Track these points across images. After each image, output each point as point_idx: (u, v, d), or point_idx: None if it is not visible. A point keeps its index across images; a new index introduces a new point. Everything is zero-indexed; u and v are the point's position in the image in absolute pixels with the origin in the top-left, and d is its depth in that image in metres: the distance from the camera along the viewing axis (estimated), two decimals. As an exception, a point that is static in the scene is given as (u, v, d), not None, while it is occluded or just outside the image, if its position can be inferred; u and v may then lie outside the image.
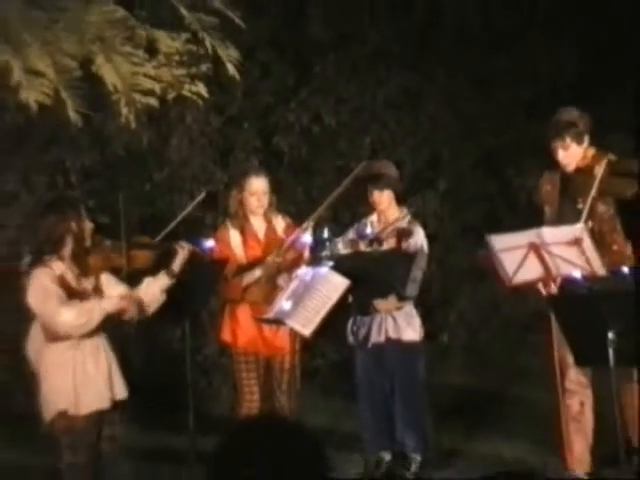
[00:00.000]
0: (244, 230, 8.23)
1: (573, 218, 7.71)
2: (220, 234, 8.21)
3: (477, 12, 12.21)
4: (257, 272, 8.13)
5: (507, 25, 12.15)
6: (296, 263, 8.13)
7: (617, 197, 7.81)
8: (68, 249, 6.88)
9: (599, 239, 7.74)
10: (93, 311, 6.82)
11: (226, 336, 8.21)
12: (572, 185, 7.93)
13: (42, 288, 6.79)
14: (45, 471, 7.35)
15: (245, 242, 8.22)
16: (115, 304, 6.88)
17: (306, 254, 8.17)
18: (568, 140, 7.90)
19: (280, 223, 8.35)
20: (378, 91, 11.62)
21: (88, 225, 6.99)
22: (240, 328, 8.16)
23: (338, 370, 9.36)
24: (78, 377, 6.86)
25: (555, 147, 7.94)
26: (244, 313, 8.16)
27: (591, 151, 7.92)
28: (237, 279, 8.08)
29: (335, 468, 7.48)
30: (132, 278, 7.02)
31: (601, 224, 7.84)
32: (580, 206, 7.72)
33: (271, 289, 8.11)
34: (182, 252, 7.18)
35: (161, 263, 7.13)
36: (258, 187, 8.23)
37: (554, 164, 8.01)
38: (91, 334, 6.91)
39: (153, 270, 7.10)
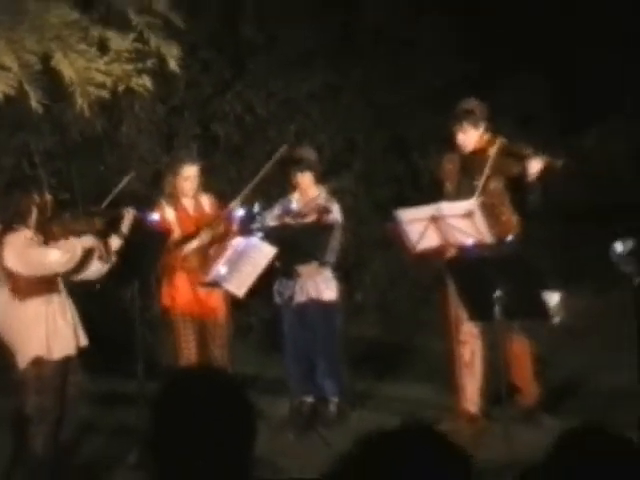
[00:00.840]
0: (177, 208, 8.24)
1: (470, 193, 7.82)
2: (157, 211, 8.18)
3: (391, 13, 12.15)
4: (194, 243, 8.14)
5: (415, 26, 12.12)
6: (226, 235, 8.18)
7: (506, 175, 7.89)
8: (33, 219, 6.98)
9: (490, 211, 7.83)
10: (75, 246, 6.98)
11: (165, 300, 8.23)
12: (469, 164, 7.98)
13: (21, 244, 6.90)
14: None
15: (179, 218, 8.21)
16: (90, 242, 7.03)
17: (234, 227, 8.22)
18: (466, 125, 7.95)
19: (206, 201, 8.37)
20: (302, 85, 11.54)
21: (48, 198, 7.11)
22: (178, 293, 8.17)
23: (269, 326, 9.36)
24: (50, 327, 6.97)
25: (455, 131, 8.00)
26: (181, 280, 8.17)
27: (486, 135, 7.98)
28: (176, 249, 8.07)
29: (264, 411, 7.58)
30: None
31: (492, 198, 7.88)
32: (476, 183, 7.81)
33: (205, 258, 8.15)
34: (128, 215, 7.34)
35: (112, 227, 7.25)
36: (190, 173, 8.25)
37: (454, 146, 8.06)
38: (57, 291, 7.02)
39: (105, 233, 7.20)
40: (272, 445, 7.30)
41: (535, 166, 7.65)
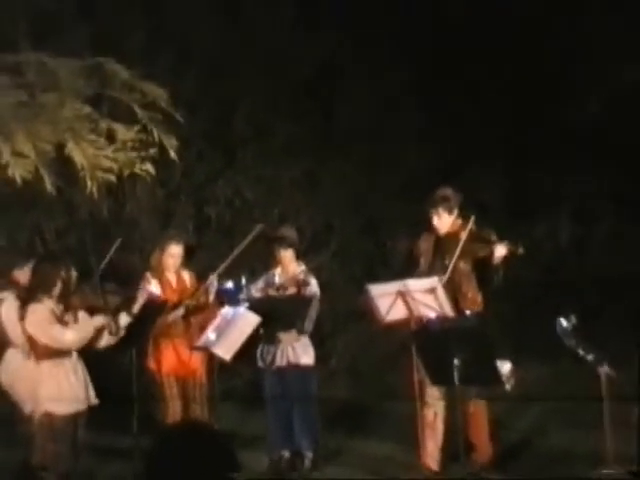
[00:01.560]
0: (161, 281, 8.23)
1: (441, 270, 7.86)
2: (144, 284, 8.13)
3: (365, 111, 12.26)
4: (178, 312, 8.14)
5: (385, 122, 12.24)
6: (205, 305, 8.21)
7: (474, 257, 7.92)
8: (57, 291, 6.98)
9: (458, 288, 7.89)
10: (89, 327, 6.99)
11: (152, 364, 8.18)
12: (442, 245, 8.02)
13: (43, 317, 6.91)
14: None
15: (163, 290, 8.19)
16: (102, 321, 7.02)
17: (211, 297, 8.23)
18: (441, 210, 8.00)
19: (186, 276, 8.37)
20: (285, 173, 11.65)
21: (74, 274, 7.11)
22: (163, 356, 8.15)
23: (252, 387, 9.30)
24: (61, 386, 6.96)
25: (431, 215, 8.04)
26: (166, 345, 8.15)
27: (458, 221, 8.02)
28: (162, 318, 8.01)
29: (245, 463, 7.51)
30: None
31: (461, 276, 7.90)
32: (447, 262, 7.85)
33: (187, 325, 8.18)
34: (141, 297, 7.33)
35: (125, 305, 7.27)
36: (175, 251, 8.29)
37: (430, 228, 8.08)
38: (70, 354, 7.01)
39: (118, 310, 7.21)
40: (252, 495, 7.27)
41: (500, 251, 7.72)
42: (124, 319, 7.19)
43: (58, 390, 6.95)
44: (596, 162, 12.82)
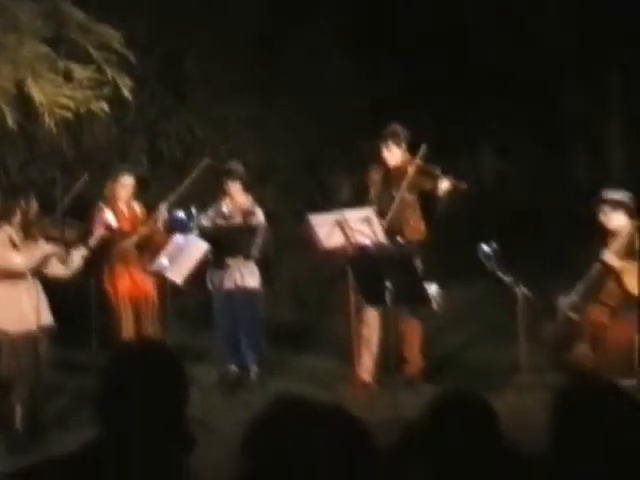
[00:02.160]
0: (114, 211, 8.17)
1: (389, 201, 7.91)
2: (98, 213, 8.11)
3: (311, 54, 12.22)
4: (132, 239, 8.13)
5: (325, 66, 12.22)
6: (156, 233, 8.18)
7: (419, 190, 7.97)
8: (16, 220, 6.93)
9: (402, 217, 7.93)
10: (35, 254, 6.97)
11: (108, 287, 8.13)
12: (390, 177, 8.04)
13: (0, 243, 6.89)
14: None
15: (117, 219, 8.15)
16: (50, 250, 7.02)
17: (160, 226, 8.20)
18: (391, 144, 8.01)
19: (136, 206, 8.33)
20: (233, 112, 11.58)
21: (34, 205, 7.06)
22: (118, 280, 8.12)
23: (202, 307, 9.32)
24: (15, 306, 6.95)
25: (382, 149, 8.05)
26: (120, 269, 8.12)
27: (406, 155, 8.03)
28: (117, 245, 8.02)
29: (196, 377, 7.55)
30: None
31: (406, 207, 7.95)
32: (394, 193, 7.90)
33: (140, 251, 8.16)
34: (98, 233, 7.45)
35: (83, 239, 7.28)
36: (127, 182, 8.23)
37: (379, 160, 8.08)
38: (24, 277, 6.99)
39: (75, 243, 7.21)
40: (202, 405, 7.24)
41: (445, 185, 7.75)
42: (81, 252, 7.19)
43: (12, 310, 6.96)
44: (514, 103, 12.90)
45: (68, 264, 7.15)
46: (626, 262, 7.16)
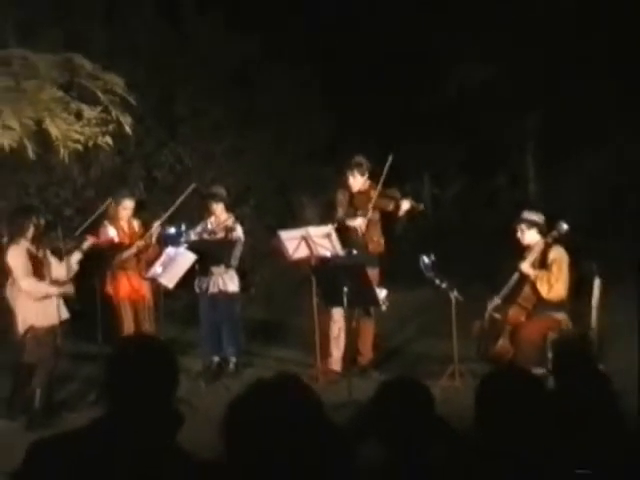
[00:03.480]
0: (116, 227, 8.10)
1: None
2: (103, 229, 8.06)
3: (280, 95, 12.23)
4: (131, 250, 8.05)
5: (288, 105, 12.24)
6: (150, 245, 8.11)
7: (382, 210, 7.94)
8: (30, 234, 6.92)
9: (367, 235, 7.90)
10: (39, 290, 6.94)
11: (110, 291, 8.02)
12: (356, 200, 7.99)
13: (16, 261, 6.89)
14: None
15: (118, 235, 8.08)
16: (55, 292, 7.01)
17: (154, 240, 8.12)
18: (356, 172, 7.98)
19: (135, 223, 8.25)
20: (216, 146, 11.57)
21: (42, 221, 7.04)
22: (119, 285, 8.02)
23: (189, 308, 9.28)
24: (40, 305, 6.96)
25: (348, 176, 8.01)
26: (120, 276, 8.02)
27: (368, 182, 8.00)
28: (118, 255, 7.97)
29: (185, 366, 7.52)
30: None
31: (370, 225, 7.91)
32: (359, 213, 7.87)
33: (137, 261, 8.08)
34: (87, 242, 7.35)
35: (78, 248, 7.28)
36: (128, 205, 8.16)
37: (345, 186, 8.04)
38: (45, 281, 7.01)
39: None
40: (189, 390, 7.27)
41: (405, 205, 7.77)
42: (76, 256, 7.20)
43: (38, 307, 6.94)
44: (449, 137, 12.99)
45: (69, 274, 7.14)
46: (539, 271, 7.22)
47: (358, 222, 7.84)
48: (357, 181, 8.00)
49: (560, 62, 12.08)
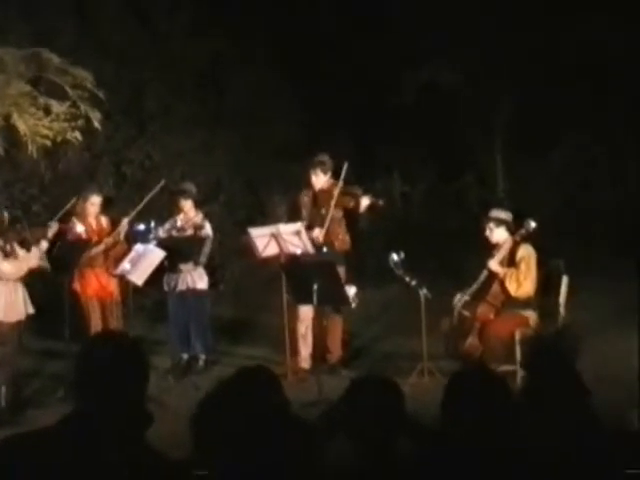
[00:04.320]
0: (85, 224, 8.03)
1: (319, 218, 7.87)
2: (71, 226, 7.96)
3: (251, 90, 12.22)
4: (99, 248, 7.99)
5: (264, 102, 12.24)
6: (119, 242, 8.07)
7: (344, 207, 7.92)
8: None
9: (332, 231, 7.87)
10: (22, 265, 6.91)
11: (77, 288, 7.96)
12: (319, 199, 7.97)
13: None
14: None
15: (86, 231, 8.01)
16: (34, 263, 6.96)
17: (122, 237, 8.08)
18: (319, 171, 7.95)
19: (103, 220, 8.19)
20: (186, 142, 11.52)
21: (5, 214, 7.01)
22: (86, 282, 7.97)
23: (158, 304, 9.23)
24: (7, 300, 6.91)
25: (311, 175, 7.99)
26: (88, 273, 7.97)
27: (331, 180, 7.96)
28: (86, 252, 7.89)
29: (154, 363, 7.47)
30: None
31: (334, 223, 7.88)
32: (323, 211, 7.85)
33: (105, 258, 8.03)
34: (54, 227, 7.35)
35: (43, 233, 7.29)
36: (95, 201, 8.09)
37: (308, 185, 8.03)
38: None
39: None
40: (158, 387, 7.24)
41: (365, 202, 7.75)
42: (43, 245, 7.19)
43: (5, 302, 6.89)
44: (418, 135, 13.05)
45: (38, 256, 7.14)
46: (507, 269, 7.27)
47: (315, 233, 7.83)
48: (320, 179, 7.96)
49: (526, 60, 12.17)
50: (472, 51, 12.23)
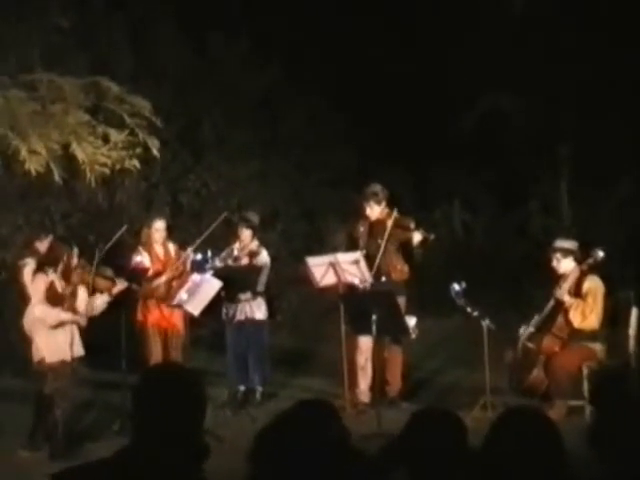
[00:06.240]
0: (150, 252, 8.11)
1: (375, 248, 7.87)
2: (136, 255, 8.05)
3: (304, 121, 12.29)
4: (162, 278, 8.04)
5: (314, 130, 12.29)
6: (182, 273, 8.11)
7: (398, 240, 7.92)
8: (60, 268, 6.93)
9: (390, 263, 7.89)
10: (51, 316, 6.92)
11: (140, 318, 8.03)
12: (374, 229, 7.97)
13: (37, 288, 6.89)
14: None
15: (151, 261, 8.08)
16: (68, 318, 6.99)
17: (188, 267, 8.12)
18: (372, 202, 7.96)
19: (171, 247, 8.25)
20: (242, 170, 11.62)
21: (75, 254, 7.05)
22: (149, 312, 8.03)
23: (216, 335, 9.26)
24: (52, 339, 6.96)
25: (365, 206, 8.01)
26: (152, 303, 8.03)
27: (385, 210, 7.95)
28: (149, 283, 7.97)
29: (210, 395, 7.48)
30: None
31: (390, 254, 7.88)
32: (379, 241, 7.85)
33: (169, 288, 8.06)
34: (120, 285, 7.30)
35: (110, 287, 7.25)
36: (160, 225, 8.16)
37: (363, 215, 8.04)
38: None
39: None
40: (215, 420, 7.24)
41: (417, 237, 7.76)
42: (105, 298, 7.16)
43: (48, 340, 6.94)
44: (480, 163, 12.96)
45: (91, 313, 7.14)
46: (574, 300, 7.16)
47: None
48: (374, 210, 7.98)
49: (593, 89, 12.04)
50: (536, 79, 12.16)
